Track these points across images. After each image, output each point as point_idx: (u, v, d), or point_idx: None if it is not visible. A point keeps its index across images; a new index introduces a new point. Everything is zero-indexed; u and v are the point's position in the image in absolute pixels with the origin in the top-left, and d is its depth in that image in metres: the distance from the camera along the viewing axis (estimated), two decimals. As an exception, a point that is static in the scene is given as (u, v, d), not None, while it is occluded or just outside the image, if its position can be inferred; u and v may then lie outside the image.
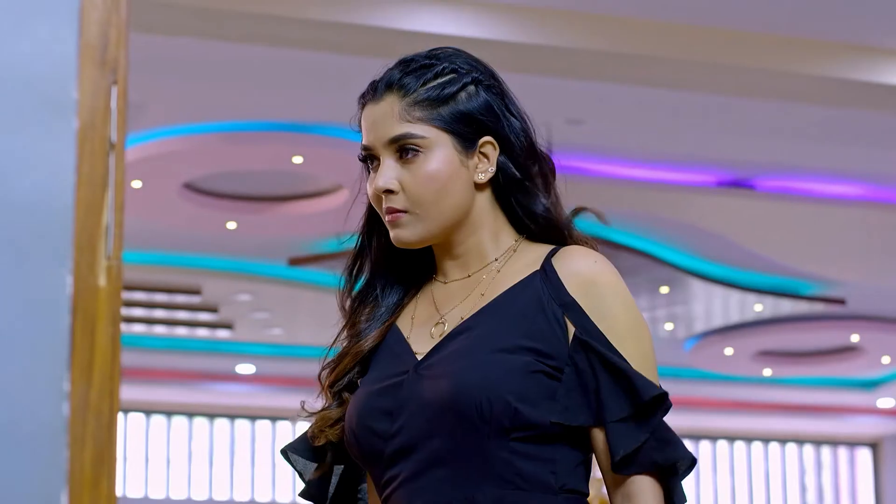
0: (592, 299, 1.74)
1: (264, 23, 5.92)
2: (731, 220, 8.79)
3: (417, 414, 1.72)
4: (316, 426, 1.82)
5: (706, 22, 6.25)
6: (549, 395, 1.71)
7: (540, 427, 1.70)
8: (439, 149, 1.77)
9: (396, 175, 1.78)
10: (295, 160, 7.71)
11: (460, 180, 1.78)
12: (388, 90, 1.79)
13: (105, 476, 1.26)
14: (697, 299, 10.51)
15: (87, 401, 1.27)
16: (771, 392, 13.43)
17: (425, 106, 1.78)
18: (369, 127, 1.80)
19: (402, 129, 1.77)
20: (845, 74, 6.47)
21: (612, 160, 7.97)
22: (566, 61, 6.22)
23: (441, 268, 1.85)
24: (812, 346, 11.77)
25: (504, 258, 1.82)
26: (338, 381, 1.82)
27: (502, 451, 1.69)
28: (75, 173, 1.31)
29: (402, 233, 1.79)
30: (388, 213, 1.78)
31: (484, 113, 1.79)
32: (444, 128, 1.78)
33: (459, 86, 1.79)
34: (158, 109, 7.18)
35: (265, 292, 10.20)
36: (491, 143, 1.80)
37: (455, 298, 1.82)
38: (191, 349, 11.89)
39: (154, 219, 8.60)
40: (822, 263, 9.64)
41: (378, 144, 1.79)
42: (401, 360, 1.78)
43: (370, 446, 1.75)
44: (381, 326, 1.84)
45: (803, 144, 7.56)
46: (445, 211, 1.78)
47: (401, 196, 1.78)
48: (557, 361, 1.72)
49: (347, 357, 1.83)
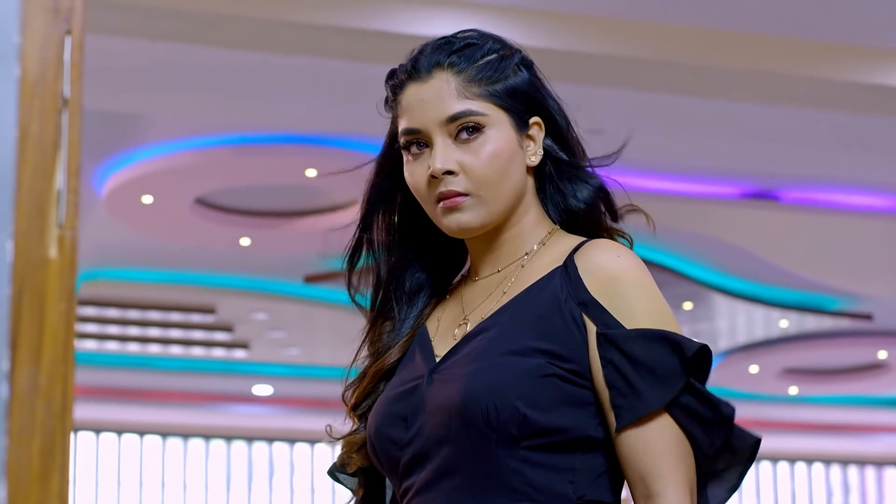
0: (613, 297, 1.63)
1: (275, 29, 5.81)
2: (755, 232, 8.71)
3: (429, 421, 1.65)
4: (344, 453, 1.76)
5: (728, 27, 6.15)
6: (563, 401, 1.61)
7: (554, 434, 1.60)
8: (499, 127, 1.70)
9: (455, 156, 1.69)
10: (308, 173, 7.62)
11: (519, 161, 1.71)
12: (437, 68, 1.71)
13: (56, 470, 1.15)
14: (721, 315, 10.48)
15: (35, 385, 1.16)
16: (797, 411, 13.43)
17: (482, 83, 1.70)
18: (418, 106, 1.71)
19: (463, 105, 1.69)
20: (873, 79, 6.37)
21: (632, 171, 7.87)
22: (586, 67, 6.11)
23: (473, 264, 1.78)
24: (839, 364, 11.72)
25: (534, 252, 1.73)
26: (361, 403, 1.76)
27: (512, 461, 1.60)
28: (17, 128, 1.22)
29: (464, 217, 1.68)
30: (447, 197, 1.68)
31: (531, 90, 1.73)
32: (503, 105, 1.71)
33: (508, 62, 1.73)
34: (167, 121, 7.10)
35: (281, 311, 10.15)
36: (538, 124, 1.73)
37: (481, 296, 1.73)
38: (206, 370, 11.90)
39: (166, 235, 8.55)
40: (849, 277, 9.56)
41: (432, 125, 1.69)
42: (420, 364, 1.71)
43: (387, 455, 1.69)
44: (404, 339, 1.75)
45: (829, 153, 7.45)
46: (507, 193, 1.70)
47: (461, 178, 1.68)
48: (575, 364, 1.62)
49: (368, 377, 1.75)
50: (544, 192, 1.75)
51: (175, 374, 11.91)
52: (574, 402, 1.61)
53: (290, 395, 12.61)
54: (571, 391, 1.61)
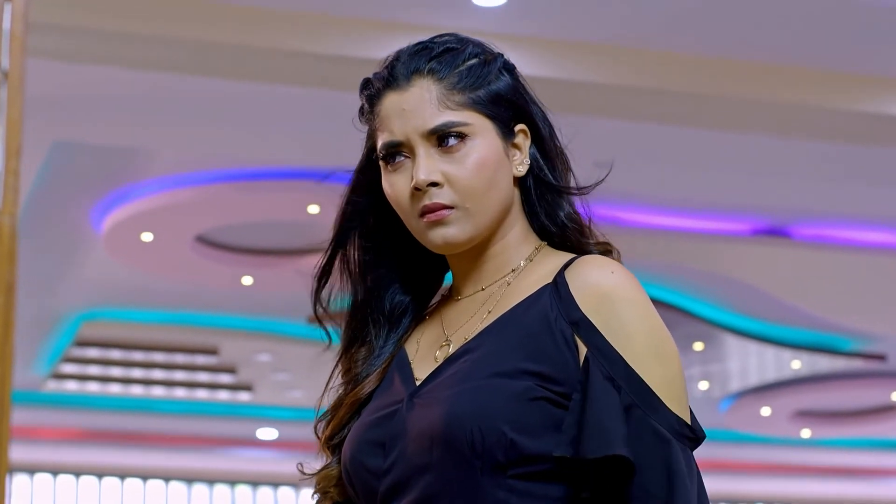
0: (606, 316, 1.54)
1: (277, 60, 5.73)
2: (766, 270, 8.64)
3: (409, 447, 1.55)
4: (319, 488, 1.66)
5: (740, 56, 6.06)
6: (554, 426, 1.51)
7: (541, 461, 1.51)
8: (484, 135, 1.62)
9: (439, 166, 1.60)
10: (311, 210, 7.52)
11: (506, 170, 1.63)
12: (416, 75, 1.62)
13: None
14: (732, 356, 10.46)
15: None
16: (810, 454, 13.37)
17: (464, 90, 1.62)
18: (398, 116, 1.62)
19: (446, 116, 1.60)
20: (888, 111, 6.30)
21: (639, 207, 7.79)
22: (588, 97, 6.02)
23: (455, 282, 1.68)
24: (852, 406, 11.68)
25: (520, 269, 1.65)
26: (336, 435, 1.66)
27: (499, 490, 1.51)
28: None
29: (450, 231, 1.60)
30: (431, 210, 1.59)
31: (515, 95, 1.65)
32: (486, 112, 1.62)
33: (490, 67, 1.65)
34: (167, 156, 7.04)
35: (285, 352, 10.08)
36: (524, 132, 1.65)
37: (463, 316, 1.64)
38: (210, 413, 11.86)
39: (166, 274, 8.49)
40: (862, 317, 9.49)
41: (414, 135, 1.61)
42: (399, 388, 1.62)
43: (364, 484, 1.59)
44: (382, 366, 1.66)
45: (843, 188, 7.37)
46: (494, 204, 1.61)
47: (446, 190, 1.59)
48: (565, 387, 1.53)
49: (343, 408, 1.66)
50: (529, 205, 1.66)
51: (178, 418, 11.91)
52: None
53: (296, 438, 12.53)
54: (560, 416, 1.52)
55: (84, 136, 6.54)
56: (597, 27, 5.75)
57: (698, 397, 11.16)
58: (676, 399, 1.52)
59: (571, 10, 5.60)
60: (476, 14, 5.63)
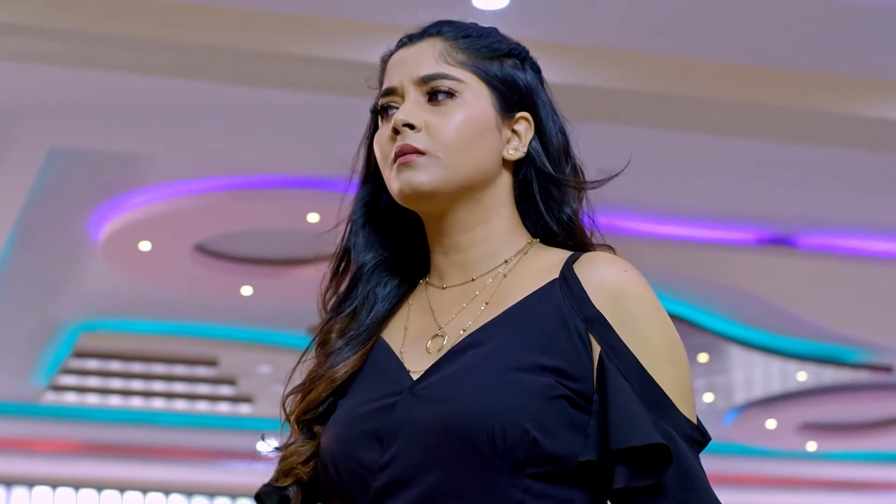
0: (620, 313, 1.54)
1: (277, 64, 5.67)
2: (772, 281, 8.60)
3: (413, 442, 1.51)
4: (286, 463, 1.61)
5: (743, 60, 6.00)
6: (570, 425, 1.51)
7: (559, 462, 1.50)
8: (477, 98, 1.61)
9: (423, 115, 1.60)
10: (310, 218, 7.47)
11: (492, 141, 1.61)
12: (429, 35, 1.66)
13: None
14: (737, 368, 10.46)
15: None
16: (816, 467, 13.31)
17: (470, 53, 1.63)
18: (397, 66, 1.64)
19: (440, 68, 1.61)
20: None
21: (642, 216, 7.75)
22: (592, 103, 5.97)
23: (438, 269, 1.64)
24: (859, 418, 11.64)
25: (514, 261, 1.61)
26: (311, 410, 1.61)
27: (515, 490, 1.48)
28: None
29: (415, 176, 1.58)
30: (402, 153, 1.58)
31: (529, 89, 1.65)
32: (486, 79, 1.62)
33: (508, 51, 1.66)
34: (165, 163, 7.00)
35: (286, 364, 9.98)
36: (527, 120, 1.64)
37: (455, 307, 1.62)
38: (210, 426, 11.88)
39: (165, 284, 8.45)
40: (869, 328, 9.45)
41: (407, 82, 1.62)
42: (392, 379, 1.58)
43: (355, 478, 1.54)
44: (362, 348, 1.61)
45: (850, 196, 7.32)
46: (470, 165, 1.59)
47: (423, 135, 1.59)
48: (581, 385, 1.52)
49: (322, 382, 1.60)
50: (528, 201, 1.64)
51: (178, 430, 11.84)
52: (578, 427, 1.51)
53: (297, 451, 12.52)
54: (576, 416, 1.51)
55: (81, 143, 6.50)
56: (599, 31, 5.72)
57: (703, 409, 11.12)
58: (686, 400, 1.53)
59: (573, 13, 5.57)
60: (477, 17, 5.54)
